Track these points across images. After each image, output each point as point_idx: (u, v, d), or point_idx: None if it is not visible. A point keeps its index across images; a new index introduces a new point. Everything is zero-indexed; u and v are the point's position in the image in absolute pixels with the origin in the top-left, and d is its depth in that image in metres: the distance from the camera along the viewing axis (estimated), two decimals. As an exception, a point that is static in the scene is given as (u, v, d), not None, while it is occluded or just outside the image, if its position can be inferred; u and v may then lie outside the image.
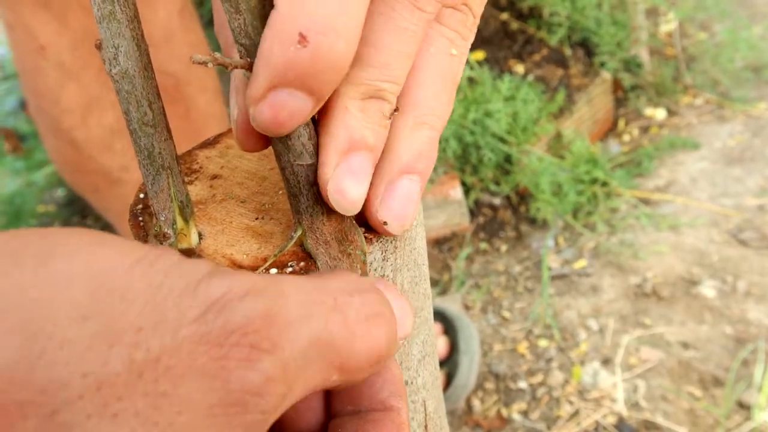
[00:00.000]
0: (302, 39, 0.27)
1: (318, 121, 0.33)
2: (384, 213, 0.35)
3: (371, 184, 0.34)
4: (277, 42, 0.28)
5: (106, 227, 1.96)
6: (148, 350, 0.20)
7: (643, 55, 2.10)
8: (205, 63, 0.29)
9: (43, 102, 1.01)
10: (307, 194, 0.33)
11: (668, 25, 2.23)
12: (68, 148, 1.04)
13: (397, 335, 0.30)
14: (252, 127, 0.31)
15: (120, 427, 0.18)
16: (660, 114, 2.04)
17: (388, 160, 0.34)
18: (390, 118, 0.34)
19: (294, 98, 0.29)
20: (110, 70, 0.32)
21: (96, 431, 0.18)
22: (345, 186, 0.33)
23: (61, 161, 1.10)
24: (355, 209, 0.34)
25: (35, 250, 0.20)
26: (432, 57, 0.34)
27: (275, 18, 0.28)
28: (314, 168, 0.33)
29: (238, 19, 0.29)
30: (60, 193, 2.09)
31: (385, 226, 0.35)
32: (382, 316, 0.28)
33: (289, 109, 0.29)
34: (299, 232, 0.35)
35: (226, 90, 0.42)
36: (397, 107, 0.34)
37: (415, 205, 0.36)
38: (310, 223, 0.34)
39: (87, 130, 1.00)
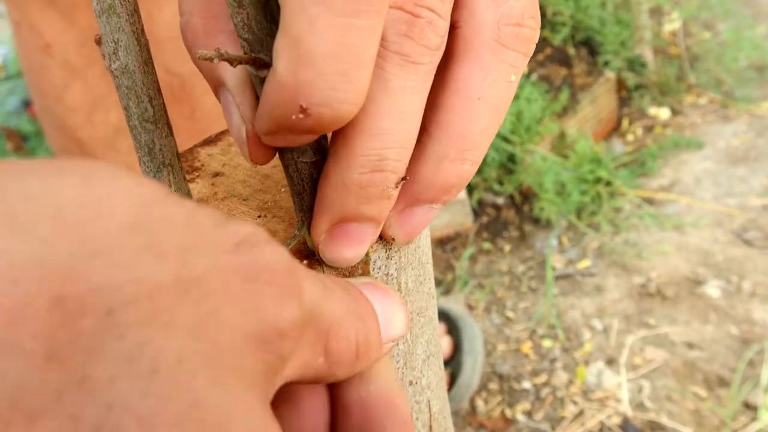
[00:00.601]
0: (303, 111, 0.26)
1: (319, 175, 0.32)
2: (396, 232, 0.34)
3: None
4: (277, 110, 0.27)
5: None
6: (192, 270, 0.20)
7: (647, 55, 2.09)
8: (211, 59, 0.29)
9: (48, 100, 1.00)
10: (310, 192, 0.33)
11: (672, 24, 2.22)
12: (73, 146, 1.03)
13: (379, 336, 0.29)
14: (261, 141, 0.30)
15: (171, 339, 0.19)
16: (664, 113, 2.03)
17: (417, 187, 0.32)
18: (397, 187, 0.31)
19: (301, 137, 0.29)
20: (110, 65, 0.31)
21: (149, 338, 0.18)
22: (338, 250, 0.32)
23: None
24: (350, 265, 0.33)
25: (77, 169, 0.21)
26: (488, 87, 0.31)
27: (273, 83, 0.26)
28: (318, 165, 0.32)
29: (241, 13, 0.29)
30: (62, 193, 2.09)
31: (392, 241, 0.35)
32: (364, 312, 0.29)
33: (297, 142, 0.29)
34: (303, 231, 0.34)
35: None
36: (406, 176, 0.31)
37: (427, 225, 0.35)
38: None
39: (92, 129, 1.00)
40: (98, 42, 0.31)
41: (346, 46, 0.25)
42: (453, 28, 0.32)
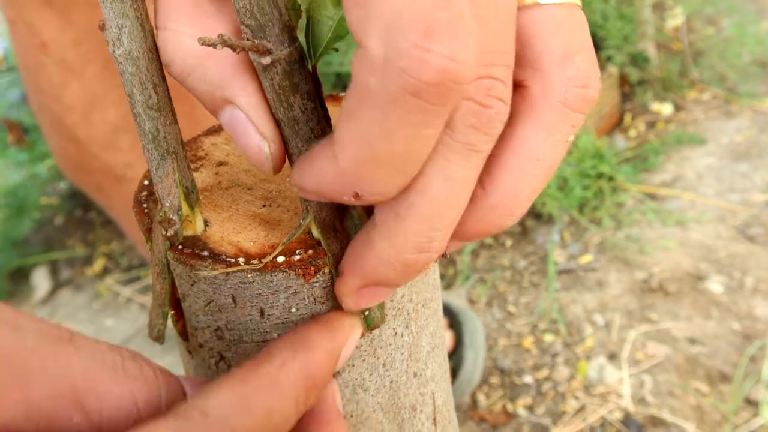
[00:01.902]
0: (357, 196, 0.28)
1: (356, 234, 0.33)
2: None
3: None
4: (329, 189, 0.29)
5: (110, 222, 1.96)
6: None
7: (650, 50, 2.08)
8: (213, 45, 0.29)
9: (45, 99, 0.99)
10: (315, 181, 0.33)
11: (675, 19, 2.22)
12: (71, 145, 1.02)
13: None
14: (284, 156, 0.33)
15: None
16: (666, 109, 2.02)
17: (456, 231, 0.32)
18: (437, 261, 0.32)
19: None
20: (114, 51, 0.31)
21: None
22: (360, 303, 0.33)
23: (64, 159, 1.09)
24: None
25: None
26: (548, 148, 0.31)
27: (332, 169, 0.28)
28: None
29: (245, -1, 0.29)
30: (63, 185, 2.09)
31: None
32: None
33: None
34: (308, 220, 0.34)
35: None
36: (445, 254, 0.33)
37: None
38: (319, 211, 0.34)
39: (89, 128, 0.99)
40: (102, 28, 0.31)
41: (410, 152, 0.27)
42: (518, 86, 0.31)
